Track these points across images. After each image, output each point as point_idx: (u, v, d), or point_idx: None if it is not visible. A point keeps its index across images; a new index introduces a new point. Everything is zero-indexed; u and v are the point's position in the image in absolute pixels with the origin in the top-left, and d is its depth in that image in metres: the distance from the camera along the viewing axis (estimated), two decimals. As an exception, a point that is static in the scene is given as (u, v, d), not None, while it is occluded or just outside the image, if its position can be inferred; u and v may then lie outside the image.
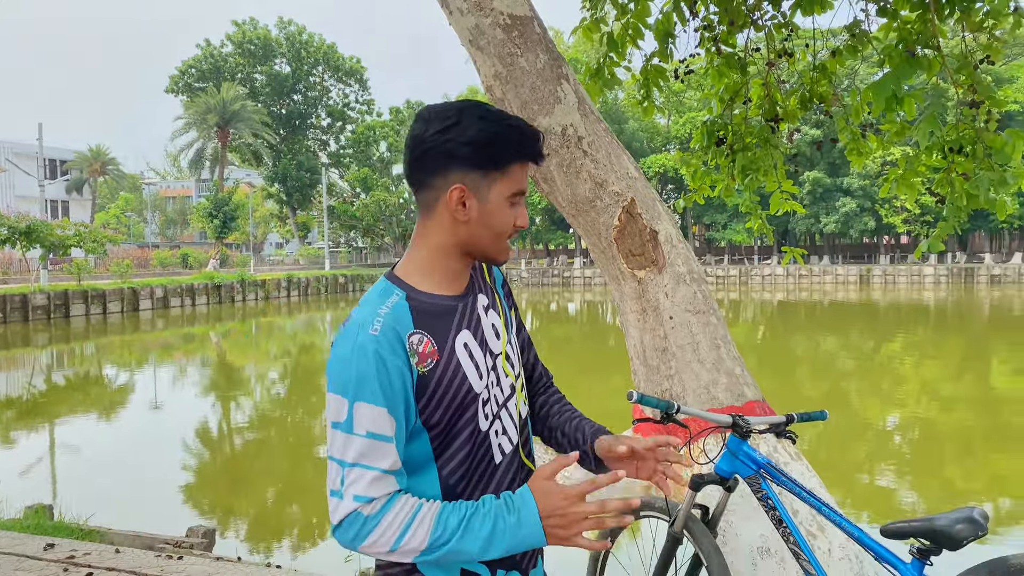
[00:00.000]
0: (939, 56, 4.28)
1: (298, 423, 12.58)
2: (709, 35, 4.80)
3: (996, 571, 2.04)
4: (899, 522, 2.08)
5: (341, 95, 65.64)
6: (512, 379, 1.51)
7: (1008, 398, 13.75)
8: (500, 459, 1.45)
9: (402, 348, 1.34)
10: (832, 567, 2.32)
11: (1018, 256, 58.02)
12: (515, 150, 1.40)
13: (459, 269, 1.46)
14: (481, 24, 2.53)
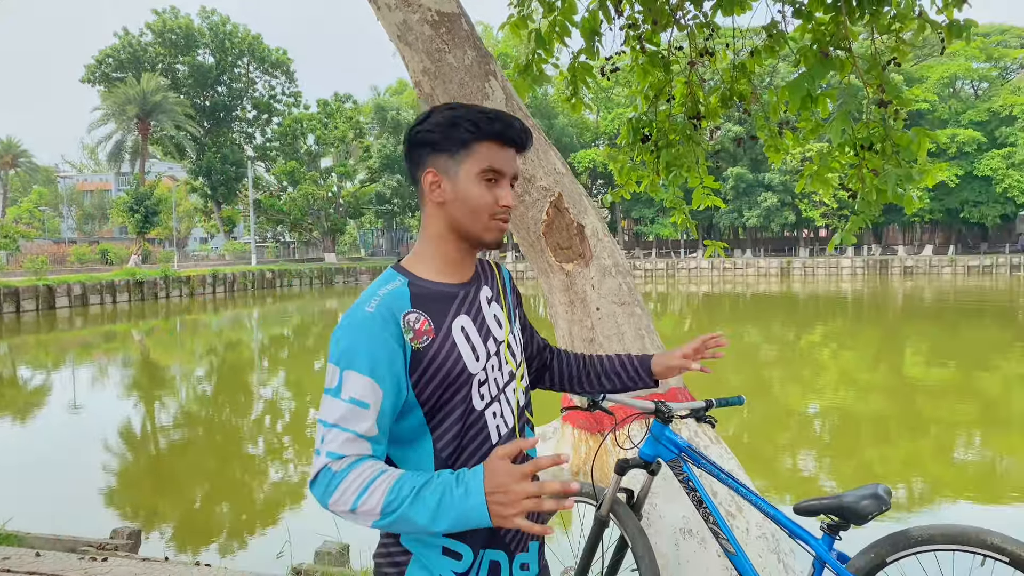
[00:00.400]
0: (850, 57, 4.48)
1: (226, 422, 12.33)
2: (634, 34, 4.90)
3: (899, 543, 2.18)
4: (810, 500, 2.21)
5: (267, 87, 64.27)
6: (513, 367, 1.59)
7: (920, 385, 14.40)
8: (496, 439, 1.52)
9: (396, 325, 1.44)
10: (750, 545, 2.44)
11: (929, 248, 60.71)
12: (475, 128, 1.48)
13: (457, 257, 1.56)
14: (409, 20, 2.56)
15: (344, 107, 63.75)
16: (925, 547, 2.14)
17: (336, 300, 41.54)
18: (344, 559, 4.26)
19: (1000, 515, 7.32)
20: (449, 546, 1.47)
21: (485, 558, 1.50)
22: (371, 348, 1.42)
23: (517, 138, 1.53)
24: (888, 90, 4.43)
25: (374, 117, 63.79)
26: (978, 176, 56.29)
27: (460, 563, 1.47)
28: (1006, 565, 2.07)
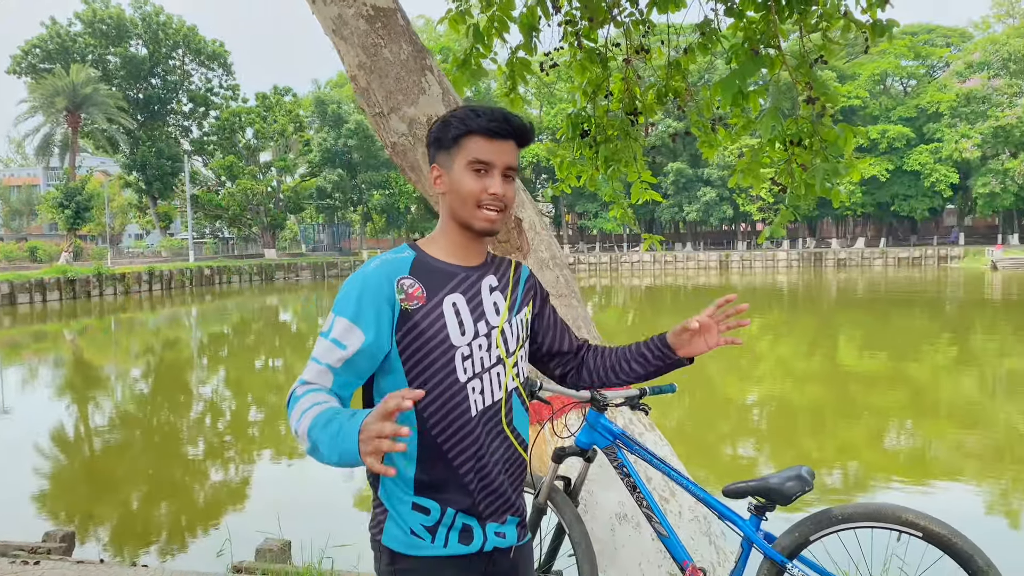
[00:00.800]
0: (780, 55, 4.60)
1: (164, 422, 12.07)
2: (571, 30, 4.96)
3: (821, 521, 2.28)
4: (738, 483, 2.29)
5: (203, 80, 62.74)
6: (502, 353, 1.70)
7: (853, 373, 14.87)
8: (475, 413, 1.64)
9: (390, 284, 1.61)
10: (682, 528, 2.51)
11: (861, 241, 62.60)
12: (463, 124, 1.64)
13: (462, 243, 1.70)
14: (344, 14, 2.56)
15: (283, 100, 62.64)
16: (846, 525, 2.25)
17: (276, 296, 40.90)
18: (286, 556, 4.24)
19: (929, 496, 7.63)
20: (418, 502, 1.63)
21: (458, 519, 1.64)
22: (361, 298, 1.60)
23: (504, 131, 1.63)
24: (816, 87, 4.56)
25: (314, 110, 62.86)
26: (907, 171, 58.17)
27: (428, 517, 1.63)
28: (920, 540, 2.19)
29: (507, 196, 1.67)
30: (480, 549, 1.66)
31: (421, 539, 1.63)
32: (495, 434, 1.68)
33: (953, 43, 65.32)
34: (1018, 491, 7.65)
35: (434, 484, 1.63)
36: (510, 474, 1.71)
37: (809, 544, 2.26)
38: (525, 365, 1.80)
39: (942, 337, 19.96)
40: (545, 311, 1.88)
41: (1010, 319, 23.55)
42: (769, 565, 2.28)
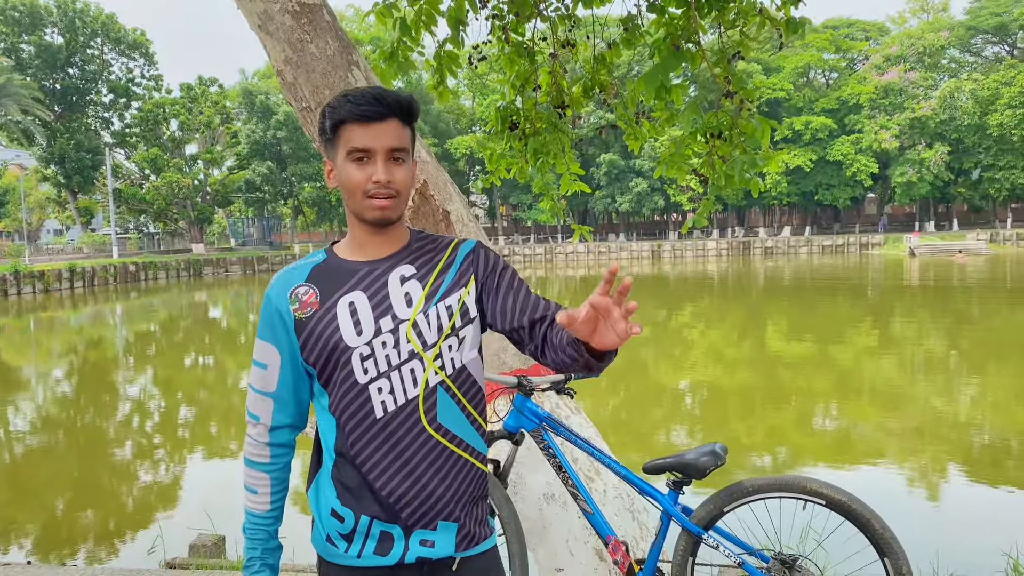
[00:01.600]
0: (700, 50, 4.76)
1: (88, 424, 11.74)
2: (499, 24, 5.01)
3: (734, 493, 2.42)
4: (657, 460, 2.41)
5: (124, 70, 60.67)
6: (416, 347, 1.58)
7: (781, 358, 15.37)
8: (382, 415, 1.56)
9: (282, 297, 1.61)
10: (607, 505, 2.63)
11: (787, 230, 64.40)
12: (335, 112, 1.56)
13: (363, 236, 1.63)
14: (270, 10, 2.57)
15: (209, 91, 61.07)
16: (756, 496, 2.39)
17: (205, 292, 39.98)
18: (220, 551, 4.22)
19: (853, 474, 7.97)
20: (336, 509, 1.61)
21: (375, 527, 1.58)
22: (267, 316, 1.63)
23: (377, 113, 1.53)
24: (734, 82, 4.73)
25: (242, 102, 61.41)
26: (830, 161, 60.07)
27: (343, 525, 1.60)
28: (823, 507, 2.35)
29: (396, 180, 1.56)
30: (400, 560, 1.59)
31: (335, 546, 1.62)
32: (415, 434, 1.57)
33: (872, 37, 67.64)
34: (936, 467, 8.06)
35: (349, 489, 1.60)
36: (443, 477, 1.59)
37: (723, 515, 2.40)
38: (462, 355, 1.64)
39: (864, 322, 20.75)
40: (496, 284, 1.67)
41: (926, 304, 24.63)
42: (686, 536, 2.41)
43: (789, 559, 2.33)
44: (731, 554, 2.33)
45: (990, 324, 19.43)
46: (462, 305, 1.64)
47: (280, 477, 1.70)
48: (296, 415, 1.68)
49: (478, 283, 1.68)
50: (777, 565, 2.32)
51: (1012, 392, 11.60)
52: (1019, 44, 63.50)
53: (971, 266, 39.08)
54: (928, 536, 5.77)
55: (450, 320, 1.62)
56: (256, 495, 1.68)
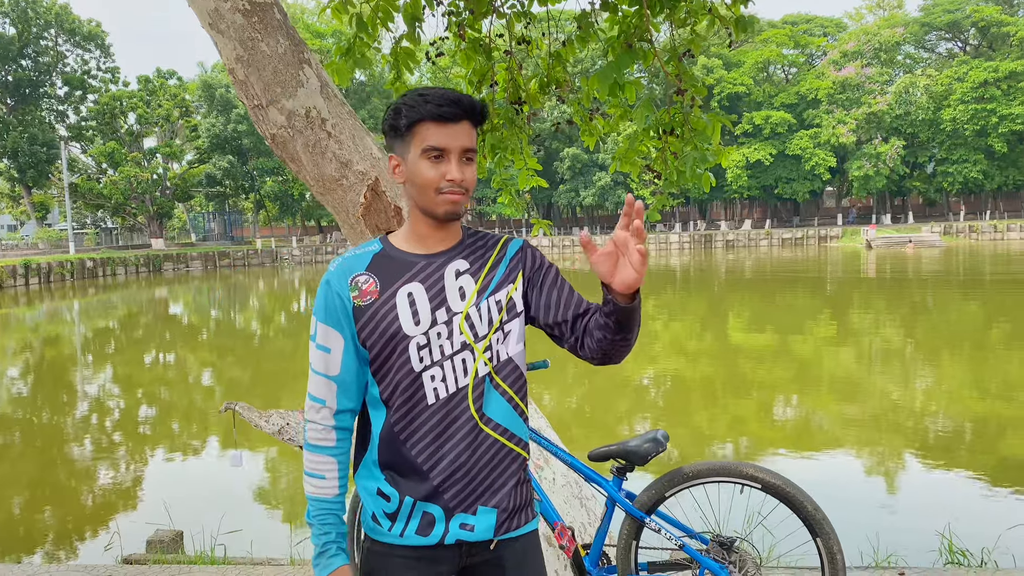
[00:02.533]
0: (652, 48, 4.85)
1: (46, 424, 11.56)
2: (455, 20, 5.06)
3: (675, 479, 2.51)
4: (601, 448, 2.50)
5: (79, 62, 59.47)
6: (468, 339, 1.66)
7: (742, 350, 15.60)
8: (433, 401, 1.64)
9: (343, 284, 1.67)
10: (556, 492, 2.71)
11: (748, 223, 65.25)
12: (413, 111, 1.62)
13: (425, 231, 1.70)
14: (220, 8, 2.59)
15: (168, 84, 60.14)
16: (696, 481, 2.48)
17: (166, 288, 39.42)
18: (177, 545, 4.23)
19: (811, 462, 8.17)
20: (382, 488, 1.68)
21: (417, 508, 1.65)
22: (327, 299, 1.68)
23: (454, 114, 1.61)
24: (684, 79, 4.83)
25: (202, 95, 60.55)
26: (789, 155, 61.00)
27: (388, 504, 1.67)
28: (759, 491, 2.45)
29: (467, 179, 1.64)
30: (440, 541, 1.66)
31: (380, 525, 1.69)
32: (463, 422, 1.66)
33: (829, 33, 68.73)
34: (890, 454, 8.28)
35: (396, 469, 1.67)
36: (485, 463, 1.67)
37: (665, 500, 2.49)
38: (508, 347, 1.72)
39: (824, 313, 21.15)
40: (541, 281, 1.77)
41: (883, 295, 25.17)
42: (630, 521, 2.50)
43: (727, 541, 2.42)
44: (672, 537, 2.42)
45: (943, 314, 19.95)
46: (509, 300, 1.73)
47: (345, 461, 1.74)
48: (357, 399, 1.73)
49: (525, 279, 1.77)
50: (716, 547, 2.42)
51: (964, 381, 11.94)
52: (971, 41, 65.00)
53: (925, 258, 39.99)
54: (874, 519, 5.96)
55: (499, 314, 1.71)
56: (323, 480, 1.71)
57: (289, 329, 22.97)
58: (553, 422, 9.62)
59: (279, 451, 8.82)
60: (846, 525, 5.15)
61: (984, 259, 38.72)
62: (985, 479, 7.31)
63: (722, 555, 2.41)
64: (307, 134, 2.71)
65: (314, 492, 1.71)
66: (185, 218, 74.51)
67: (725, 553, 2.41)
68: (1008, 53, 58.77)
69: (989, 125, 57.11)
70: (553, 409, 10.53)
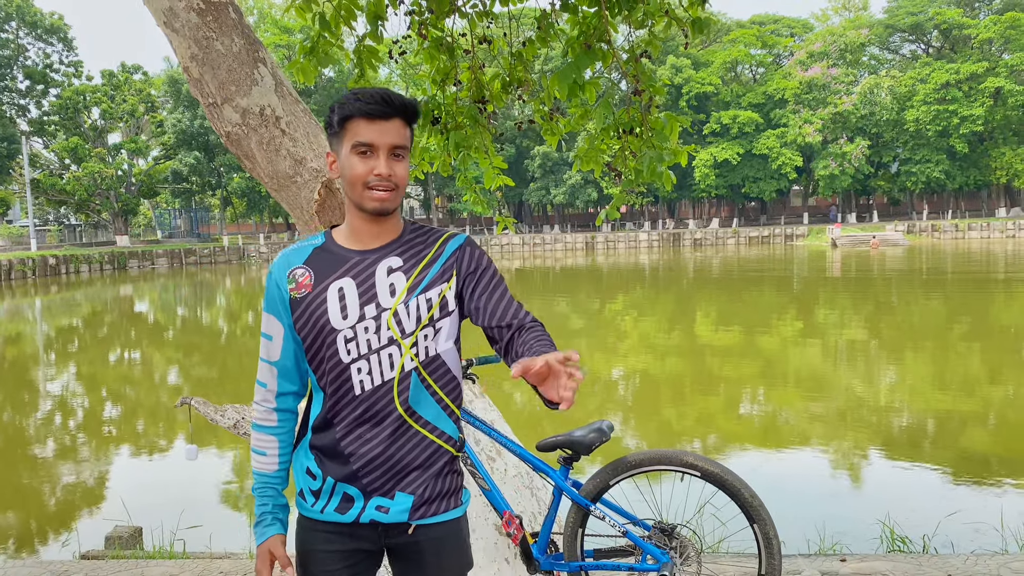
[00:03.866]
0: (611, 49, 4.93)
1: (6, 424, 11.41)
2: (417, 19, 5.09)
3: (619, 467, 2.59)
4: (548, 438, 2.57)
5: (41, 55, 58.35)
6: (395, 334, 1.72)
7: (709, 347, 15.80)
8: (360, 392, 1.72)
9: (285, 275, 1.77)
10: (508, 483, 2.78)
11: (716, 221, 65.88)
12: (344, 108, 1.69)
13: (359, 226, 1.76)
14: (175, 7, 2.62)
15: (133, 79, 59.24)
16: (639, 469, 2.56)
17: (131, 286, 38.90)
18: (136, 541, 4.23)
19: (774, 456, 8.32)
20: (310, 467, 1.79)
21: (338, 488, 1.76)
22: (270, 290, 1.78)
23: (383, 111, 1.67)
24: (642, 79, 4.92)
25: (168, 90, 59.73)
26: (756, 154, 61.67)
27: (314, 482, 1.79)
28: (699, 479, 2.53)
29: (396, 175, 1.70)
30: (356, 519, 1.75)
31: (305, 500, 1.80)
32: (386, 412, 1.73)
33: (796, 33, 69.56)
34: (855, 450, 8.46)
35: (323, 452, 1.77)
36: (405, 452, 1.74)
37: (610, 488, 2.57)
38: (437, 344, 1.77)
39: (789, 310, 21.46)
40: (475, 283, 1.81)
41: (848, 292, 25.60)
42: (576, 508, 2.58)
43: (669, 527, 2.51)
44: (616, 524, 2.50)
45: (906, 311, 20.35)
46: (442, 299, 1.78)
47: (287, 440, 1.86)
48: (299, 383, 1.84)
49: (459, 279, 1.81)
50: (658, 533, 2.50)
51: (926, 377, 12.22)
52: (934, 43, 66.18)
53: (889, 256, 40.69)
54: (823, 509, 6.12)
55: (428, 312, 1.76)
56: (265, 456, 1.84)
57: (255, 327, 22.81)
58: (519, 417, 9.73)
59: (240, 447, 8.80)
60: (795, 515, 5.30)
61: (946, 257, 39.51)
62: (935, 470, 7.52)
63: (664, 541, 2.49)
64: (261, 132, 2.74)
65: (257, 467, 1.85)
66: (151, 215, 73.50)
67: (667, 539, 2.49)
68: (969, 55, 59.96)
69: (951, 126, 58.22)
70: (519, 403, 10.60)
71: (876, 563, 3.53)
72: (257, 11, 61.20)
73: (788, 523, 2.69)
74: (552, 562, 2.59)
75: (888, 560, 3.57)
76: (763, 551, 2.48)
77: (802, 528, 4.47)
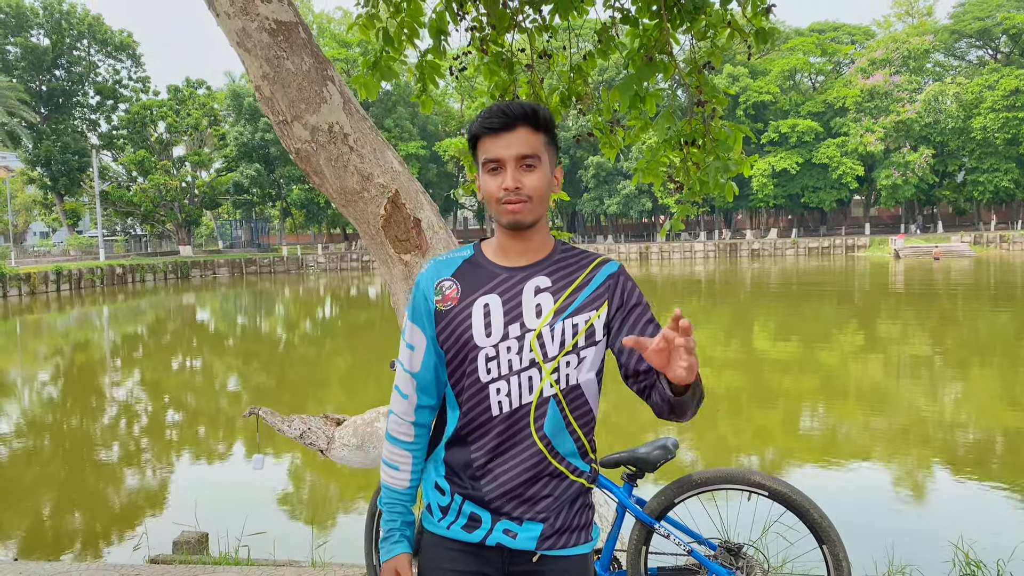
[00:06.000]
0: (672, 60, 4.91)
1: (75, 428, 11.80)
2: (478, 35, 5.15)
3: (684, 486, 2.56)
4: (612, 455, 2.56)
5: (111, 71, 60.51)
6: (537, 357, 1.66)
7: (767, 359, 15.53)
8: (497, 413, 1.66)
9: (431, 286, 1.73)
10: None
11: (774, 232, 64.78)
12: (472, 129, 1.69)
13: (506, 243, 1.72)
14: (248, 28, 2.69)
15: (197, 93, 60.99)
16: (704, 488, 2.53)
17: (193, 295, 39.94)
18: (203, 547, 4.33)
19: (836, 474, 8.13)
20: (439, 483, 1.75)
21: (466, 507, 1.71)
22: (416, 300, 1.75)
23: (502, 124, 1.64)
24: (705, 91, 4.88)
25: (230, 104, 61.35)
26: (816, 163, 60.53)
27: (442, 498, 1.75)
28: (766, 498, 2.49)
29: (526, 186, 1.64)
30: (482, 540, 1.69)
31: (432, 515, 1.76)
32: (521, 438, 1.67)
33: (857, 40, 68.19)
34: (921, 467, 8.23)
35: (454, 469, 1.72)
36: (534, 481, 1.68)
37: (674, 506, 2.54)
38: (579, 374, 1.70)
39: (850, 323, 20.97)
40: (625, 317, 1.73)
41: (912, 305, 24.89)
42: (640, 526, 2.56)
43: (735, 547, 2.47)
44: (681, 543, 2.47)
45: (972, 325, 19.70)
46: (589, 326, 1.70)
47: (420, 456, 1.81)
48: (437, 397, 1.79)
49: (611, 309, 1.73)
50: (724, 552, 2.46)
51: (994, 393, 11.81)
52: (1002, 48, 64.17)
53: (955, 268, 39.47)
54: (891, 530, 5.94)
55: (573, 338, 1.68)
56: (397, 471, 1.80)
57: (314, 336, 23.20)
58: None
59: (303, 456, 8.94)
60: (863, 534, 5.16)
61: (1015, 269, 38.15)
62: (1008, 492, 7.25)
63: (730, 561, 2.45)
64: (330, 148, 2.80)
65: (388, 481, 1.81)
66: (213, 225, 75.43)
67: (733, 559, 2.45)
68: (1040, 61, 58.00)
69: (1021, 133, 56.31)
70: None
71: (948, 588, 3.42)
72: (316, 26, 62.51)
73: (854, 543, 2.62)
74: (615, 579, 2.58)
75: (961, 585, 3.45)
76: (832, 573, 2.42)
77: (869, 549, 4.35)
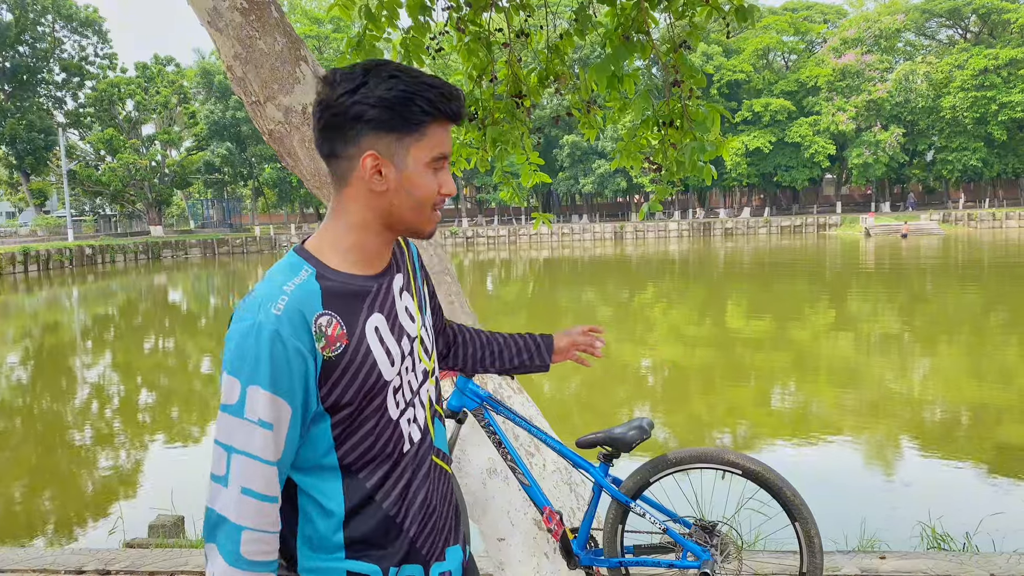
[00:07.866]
0: (650, 40, 4.90)
1: (47, 411, 11.66)
2: (456, 15, 5.10)
3: (658, 465, 2.60)
4: (588, 435, 2.59)
5: (77, 48, 59.24)
6: (427, 364, 1.43)
7: (740, 338, 15.71)
8: (408, 448, 1.37)
9: (307, 331, 1.24)
10: (546, 479, 2.80)
11: (747, 211, 65.25)
12: (430, 107, 1.27)
13: (378, 247, 1.35)
14: (219, 7, 2.66)
15: (166, 71, 59.95)
16: (679, 467, 2.57)
17: (165, 275, 39.51)
18: (179, 530, 4.33)
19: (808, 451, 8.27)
20: (353, 568, 1.33)
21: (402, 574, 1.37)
22: (277, 359, 1.22)
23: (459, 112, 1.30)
24: (682, 71, 4.88)
25: (200, 81, 60.40)
26: (788, 142, 60.89)
27: None
28: (740, 477, 2.54)
29: None
30: None
31: None
32: (427, 461, 1.41)
33: (830, 19, 68.45)
34: (890, 443, 8.38)
35: (369, 542, 1.33)
36: (442, 499, 1.45)
37: (650, 485, 2.58)
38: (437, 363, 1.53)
39: (821, 301, 21.25)
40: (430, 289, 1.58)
41: (881, 282, 25.26)
42: (616, 505, 2.60)
43: (710, 525, 2.52)
44: (656, 521, 2.52)
45: (941, 302, 20.04)
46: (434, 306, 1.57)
47: None
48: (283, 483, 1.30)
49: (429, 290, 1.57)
50: (698, 530, 2.51)
51: (961, 369, 12.05)
52: (971, 28, 64.77)
53: (924, 246, 40.08)
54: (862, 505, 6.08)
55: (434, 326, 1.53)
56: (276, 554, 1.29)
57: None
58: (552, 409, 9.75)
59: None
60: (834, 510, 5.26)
61: (983, 247, 38.81)
62: (976, 466, 7.42)
63: (704, 538, 2.50)
64: (303, 130, 2.78)
65: None
66: (184, 205, 74.45)
67: (707, 536, 2.50)
68: (1008, 40, 58.57)
69: (989, 113, 57.00)
70: (552, 396, 10.63)
71: (916, 561, 3.51)
72: (288, 2, 61.59)
73: (825, 519, 2.68)
74: (592, 557, 2.62)
75: (928, 558, 3.55)
76: (804, 549, 2.48)
77: (839, 524, 4.45)
